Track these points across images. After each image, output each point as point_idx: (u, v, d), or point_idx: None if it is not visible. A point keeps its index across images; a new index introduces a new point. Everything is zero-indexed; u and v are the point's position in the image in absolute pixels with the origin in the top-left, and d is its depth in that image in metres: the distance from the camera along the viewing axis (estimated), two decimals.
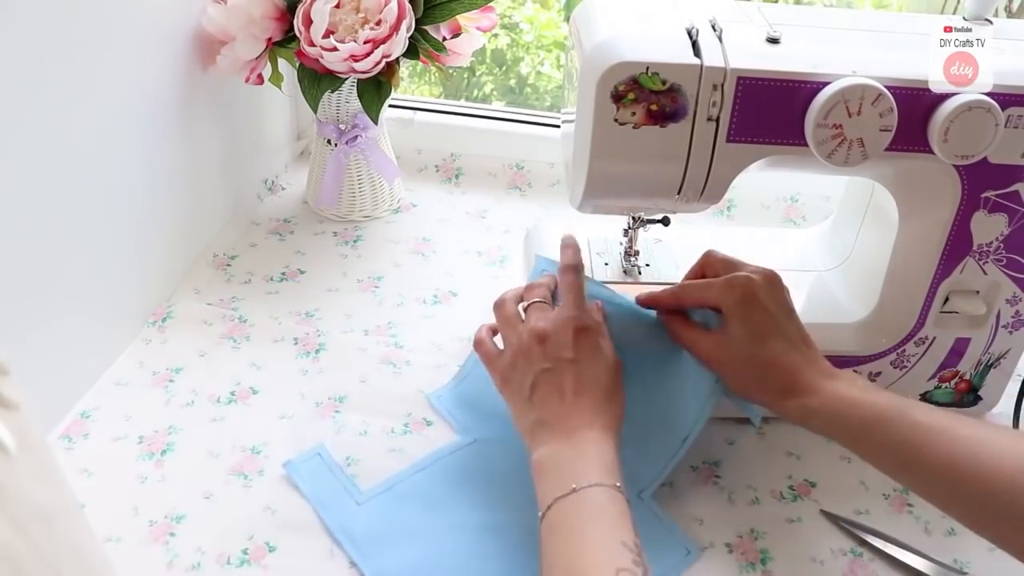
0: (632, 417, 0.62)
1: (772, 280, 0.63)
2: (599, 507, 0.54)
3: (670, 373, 0.67)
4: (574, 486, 0.54)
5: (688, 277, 0.68)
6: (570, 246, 0.67)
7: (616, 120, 0.59)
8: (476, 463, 0.69)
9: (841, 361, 0.71)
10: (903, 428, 0.55)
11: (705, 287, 0.64)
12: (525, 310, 0.65)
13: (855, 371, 0.72)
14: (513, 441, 0.65)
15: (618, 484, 0.55)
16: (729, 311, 0.62)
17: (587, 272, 0.75)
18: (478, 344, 0.67)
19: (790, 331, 0.62)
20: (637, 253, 0.76)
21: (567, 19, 0.83)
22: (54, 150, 0.66)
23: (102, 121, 0.71)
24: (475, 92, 1.51)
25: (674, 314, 0.66)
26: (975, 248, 0.66)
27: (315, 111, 0.89)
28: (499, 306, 0.66)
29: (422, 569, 0.61)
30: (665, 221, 0.72)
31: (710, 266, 0.67)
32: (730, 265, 0.65)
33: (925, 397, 0.74)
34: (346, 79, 0.84)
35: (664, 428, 0.66)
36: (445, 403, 0.75)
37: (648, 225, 0.73)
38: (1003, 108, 0.59)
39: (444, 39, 0.86)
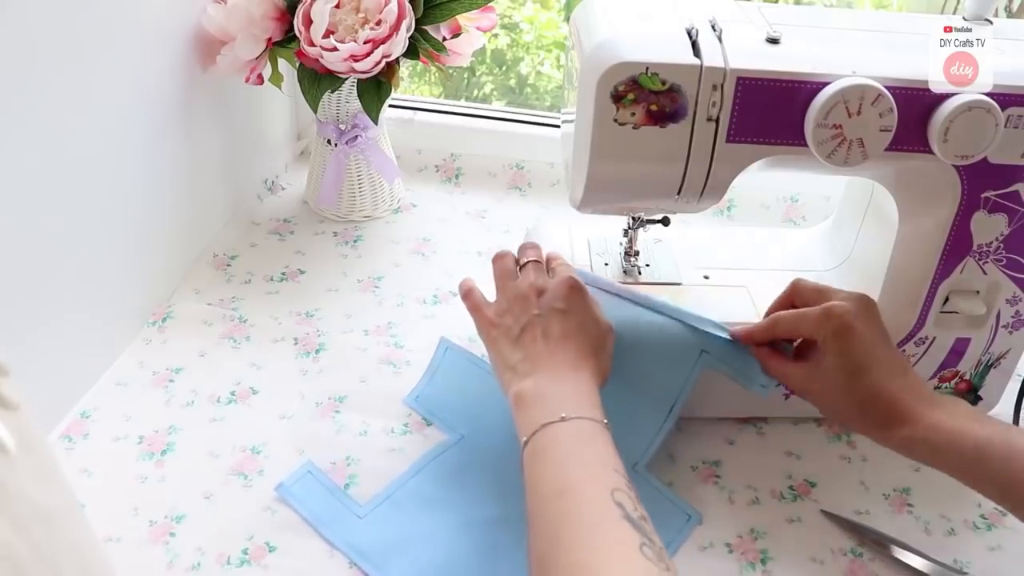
0: (618, 390, 0.63)
1: (867, 307, 0.61)
2: (590, 435, 0.54)
3: (654, 346, 0.67)
4: (563, 415, 0.54)
5: (774, 307, 0.66)
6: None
7: (616, 120, 0.59)
8: (467, 458, 0.70)
9: None
10: (1003, 458, 0.54)
11: (799, 317, 0.62)
12: (521, 268, 0.67)
13: None
14: (497, 428, 0.66)
15: (605, 422, 0.55)
16: (825, 343, 0.60)
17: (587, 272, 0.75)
18: (467, 293, 0.67)
19: (888, 359, 0.60)
20: (637, 253, 0.75)
21: (567, 19, 0.83)
22: (53, 150, 0.66)
23: (102, 121, 0.71)
24: (475, 92, 1.51)
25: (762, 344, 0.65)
26: (975, 248, 0.66)
27: (315, 111, 0.89)
28: (498, 259, 0.68)
29: (437, 572, 0.61)
30: (665, 221, 0.72)
31: (799, 295, 0.65)
32: (822, 294, 0.63)
33: None
34: (346, 79, 0.84)
35: (651, 399, 0.67)
36: (424, 403, 0.75)
37: (648, 225, 0.73)
38: (1003, 108, 0.59)
39: (444, 39, 0.86)
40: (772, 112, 0.59)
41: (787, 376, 0.63)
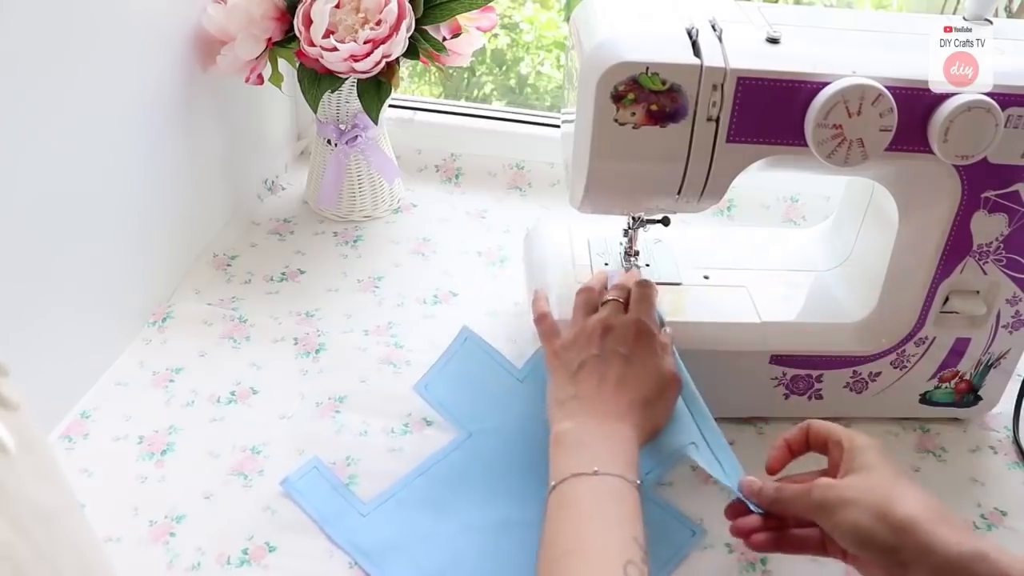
0: None
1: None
2: (618, 497, 0.54)
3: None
4: (596, 469, 0.54)
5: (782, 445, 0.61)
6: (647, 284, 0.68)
7: (616, 120, 0.59)
8: (474, 459, 0.69)
9: (841, 361, 0.71)
10: None
11: (832, 425, 0.58)
12: (602, 304, 0.66)
13: (855, 371, 0.72)
14: (509, 430, 0.66)
15: (639, 482, 0.55)
16: (864, 439, 0.55)
17: (587, 273, 0.75)
18: (541, 318, 0.67)
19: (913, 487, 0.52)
20: (637, 253, 0.75)
21: (567, 19, 0.83)
22: (53, 150, 0.66)
23: (102, 121, 0.71)
24: (475, 92, 1.50)
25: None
26: (975, 248, 0.66)
27: (315, 111, 0.89)
28: (583, 291, 0.67)
29: (438, 574, 0.61)
30: (665, 221, 0.72)
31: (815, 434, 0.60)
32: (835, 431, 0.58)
33: (925, 397, 0.74)
34: (346, 79, 0.84)
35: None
36: (434, 392, 0.73)
37: (648, 225, 0.73)
38: (1003, 108, 0.59)
39: (444, 39, 0.86)
40: (772, 112, 0.59)
41: (822, 490, 0.53)
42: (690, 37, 0.59)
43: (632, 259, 0.76)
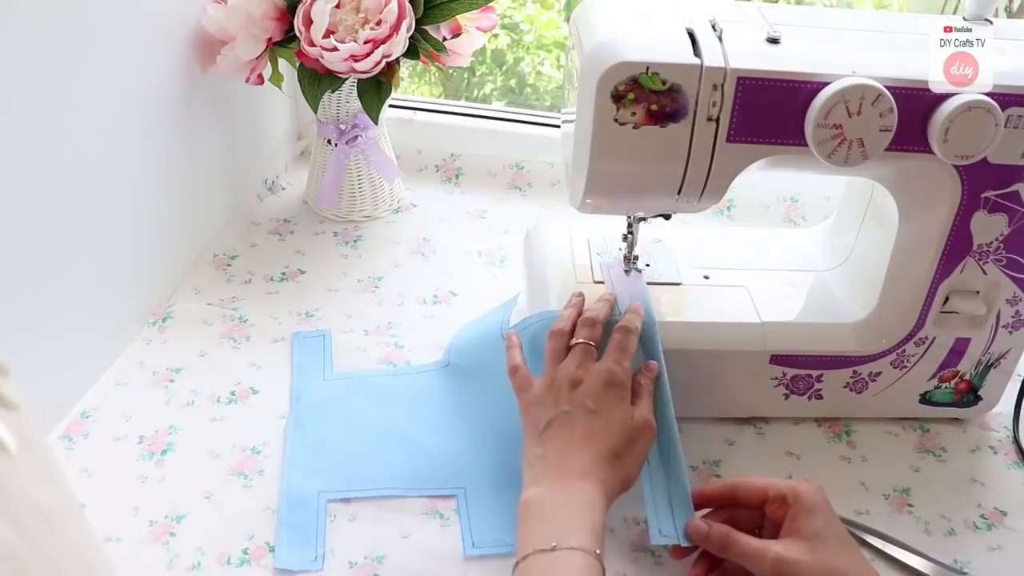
0: None
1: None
2: (575, 572, 0.52)
3: None
4: (554, 544, 0.52)
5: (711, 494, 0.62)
6: (636, 312, 0.67)
7: (616, 120, 0.59)
8: (437, 385, 0.76)
9: (841, 361, 0.71)
10: None
11: (768, 481, 0.60)
12: (572, 347, 0.63)
13: (855, 371, 0.72)
14: (484, 371, 0.72)
15: (598, 551, 0.53)
16: (812, 498, 0.57)
17: (587, 273, 0.75)
18: (513, 371, 0.65)
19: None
20: (637, 258, 0.75)
21: (567, 19, 0.83)
22: (54, 150, 0.66)
23: (102, 121, 0.71)
24: (475, 92, 1.51)
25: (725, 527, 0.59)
26: (975, 248, 0.66)
27: (315, 111, 0.89)
28: (552, 336, 0.65)
29: (335, 454, 0.69)
30: (666, 215, 0.72)
31: (744, 488, 0.61)
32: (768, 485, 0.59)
33: (925, 397, 0.74)
34: (346, 79, 0.84)
35: None
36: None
37: (650, 219, 0.73)
38: (1003, 108, 0.59)
39: (444, 39, 0.86)
40: (772, 112, 0.59)
41: (765, 550, 0.56)
42: (690, 37, 0.59)
43: (632, 261, 0.76)
